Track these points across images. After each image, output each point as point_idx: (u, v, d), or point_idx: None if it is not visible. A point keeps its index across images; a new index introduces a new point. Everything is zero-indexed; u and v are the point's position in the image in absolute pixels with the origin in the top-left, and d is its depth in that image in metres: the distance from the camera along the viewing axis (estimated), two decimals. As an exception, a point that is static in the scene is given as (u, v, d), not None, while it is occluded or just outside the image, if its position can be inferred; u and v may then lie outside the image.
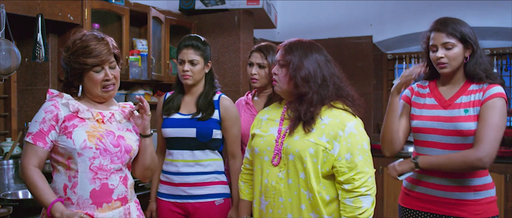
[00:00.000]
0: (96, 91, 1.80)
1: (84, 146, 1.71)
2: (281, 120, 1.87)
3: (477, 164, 1.85)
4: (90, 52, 1.75)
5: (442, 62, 1.94)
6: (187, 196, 2.24)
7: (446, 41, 1.92)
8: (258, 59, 2.39)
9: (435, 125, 1.98)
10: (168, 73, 3.63)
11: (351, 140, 1.72)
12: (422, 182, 2.03)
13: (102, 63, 1.77)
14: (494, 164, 3.96)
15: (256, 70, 2.39)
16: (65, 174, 1.75)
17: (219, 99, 2.29)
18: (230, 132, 2.26)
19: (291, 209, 1.76)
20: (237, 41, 3.84)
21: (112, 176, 1.78)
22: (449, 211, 1.97)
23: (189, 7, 3.93)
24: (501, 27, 4.34)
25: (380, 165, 4.51)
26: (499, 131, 1.86)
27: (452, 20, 1.96)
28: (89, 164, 1.73)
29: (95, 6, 2.97)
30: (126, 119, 1.92)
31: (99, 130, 1.78)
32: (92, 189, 1.73)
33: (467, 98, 1.95)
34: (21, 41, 2.87)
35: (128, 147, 1.83)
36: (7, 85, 3.01)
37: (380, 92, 5.26)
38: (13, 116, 3.01)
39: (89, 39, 1.79)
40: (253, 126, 1.97)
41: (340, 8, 4.95)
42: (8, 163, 2.61)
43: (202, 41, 2.30)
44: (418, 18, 4.49)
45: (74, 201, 1.73)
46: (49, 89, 1.85)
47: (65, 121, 1.75)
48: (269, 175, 1.80)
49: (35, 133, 1.73)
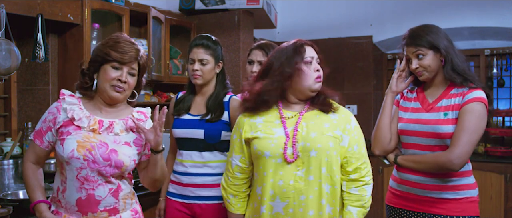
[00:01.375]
0: (105, 87, 1.78)
1: (71, 155, 1.71)
2: (282, 121, 1.86)
3: (448, 165, 1.91)
4: (117, 48, 1.77)
5: (418, 71, 2.04)
6: (195, 197, 2.23)
7: (415, 52, 2.02)
8: (259, 57, 2.38)
9: (416, 127, 2.04)
10: (168, 73, 3.63)
11: (356, 132, 1.88)
12: (405, 181, 2.09)
13: (123, 62, 1.77)
14: (494, 164, 4.03)
15: (257, 67, 2.38)
16: (59, 177, 1.80)
17: (229, 100, 2.26)
18: None
19: (313, 205, 1.78)
20: (237, 41, 3.84)
21: (100, 188, 1.75)
22: (430, 209, 2.01)
23: (189, 7, 3.93)
24: (501, 27, 4.34)
25: (380, 165, 4.51)
26: (474, 135, 1.91)
27: (419, 31, 2.03)
28: (76, 173, 1.73)
29: (95, 6, 2.97)
30: (130, 131, 1.85)
31: (92, 140, 1.75)
32: (78, 197, 1.73)
33: (448, 102, 2.00)
34: (21, 41, 2.87)
35: (119, 163, 1.76)
36: (7, 85, 3.01)
37: (380, 92, 5.26)
38: (13, 116, 3.01)
39: (123, 39, 1.82)
40: (246, 131, 1.89)
41: (340, 8, 4.95)
42: (8, 163, 2.61)
43: (213, 41, 2.28)
44: (418, 18, 4.46)
45: (63, 204, 1.77)
46: (62, 90, 1.84)
47: (62, 126, 1.76)
48: (284, 175, 1.79)
49: (36, 131, 1.81)
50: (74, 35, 2.95)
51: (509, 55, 4.64)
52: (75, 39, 2.94)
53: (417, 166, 2.01)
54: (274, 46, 2.43)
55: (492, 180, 3.98)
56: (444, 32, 2.04)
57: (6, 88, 3.02)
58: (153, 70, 3.42)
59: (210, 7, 3.90)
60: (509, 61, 4.65)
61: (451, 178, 1.99)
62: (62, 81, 3.03)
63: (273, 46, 2.44)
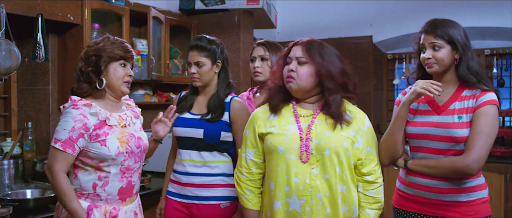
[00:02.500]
0: (118, 84, 1.93)
1: (118, 152, 1.88)
2: (296, 118, 1.87)
3: (465, 170, 1.87)
4: (121, 46, 1.93)
5: (429, 62, 1.97)
6: (193, 197, 2.22)
7: (433, 42, 1.95)
8: (260, 52, 2.38)
9: (428, 131, 1.98)
10: (168, 73, 3.63)
11: (370, 134, 1.89)
12: (415, 184, 2.03)
13: (128, 58, 1.95)
14: (494, 164, 4.03)
15: (259, 63, 2.38)
16: (94, 173, 1.88)
17: (230, 101, 2.25)
18: (240, 135, 2.17)
19: (330, 204, 1.80)
20: (237, 41, 3.84)
21: (135, 174, 1.99)
22: (442, 213, 1.97)
23: (189, 7, 3.93)
24: (501, 27, 4.33)
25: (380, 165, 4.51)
26: (489, 139, 1.87)
27: (442, 22, 1.97)
28: (120, 166, 1.91)
29: (95, 6, 2.97)
30: (136, 118, 2.08)
31: (125, 134, 1.94)
32: (120, 187, 1.92)
33: (461, 104, 1.95)
34: (21, 41, 2.87)
35: (145, 146, 2.04)
36: (7, 85, 3.01)
37: (380, 92, 5.26)
38: (13, 116, 3.01)
39: (117, 39, 1.96)
40: (260, 125, 1.91)
41: (340, 8, 4.95)
42: (9, 163, 2.61)
43: (208, 41, 2.26)
44: (418, 18, 4.43)
45: (103, 197, 1.89)
46: (71, 96, 1.91)
47: (95, 129, 1.86)
48: (299, 173, 1.79)
49: (65, 140, 1.81)
50: (74, 35, 2.95)
51: (509, 55, 4.64)
52: (75, 39, 2.94)
53: (431, 171, 1.95)
54: (276, 44, 2.44)
55: (492, 180, 3.97)
56: (465, 31, 1.99)
57: (6, 88, 3.02)
58: (153, 70, 3.42)
59: (210, 7, 3.89)
60: (509, 61, 4.65)
61: (464, 180, 1.94)
62: (62, 81, 3.03)
63: (275, 43, 2.44)
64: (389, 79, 5.26)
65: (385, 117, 5.28)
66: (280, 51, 2.38)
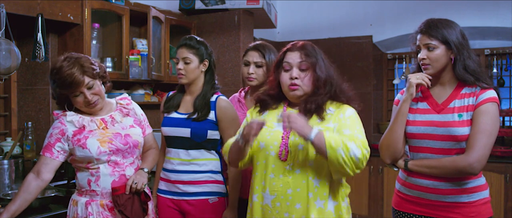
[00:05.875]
0: (84, 109, 2.03)
1: (99, 151, 1.97)
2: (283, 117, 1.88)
3: (467, 170, 1.85)
4: (63, 82, 1.92)
5: (424, 63, 1.97)
6: (182, 193, 2.26)
7: (427, 43, 1.94)
8: (255, 58, 2.40)
9: (428, 130, 1.96)
10: (168, 73, 3.63)
11: (350, 120, 1.80)
12: (415, 185, 2.01)
13: (77, 89, 1.94)
14: (494, 164, 4.03)
15: (254, 69, 2.40)
16: (87, 171, 2.02)
17: (216, 100, 2.28)
18: (227, 133, 2.24)
19: (299, 199, 1.79)
20: (237, 41, 3.84)
21: (127, 169, 2.06)
22: (444, 214, 1.95)
23: (189, 7, 3.93)
24: (501, 27, 4.34)
25: (380, 165, 4.51)
26: (491, 137, 1.86)
27: (437, 23, 1.96)
28: (106, 162, 2.01)
29: (95, 6, 2.97)
30: (127, 115, 2.14)
31: (107, 134, 2.02)
32: (112, 180, 2.02)
33: (460, 102, 1.94)
34: (21, 41, 2.87)
35: (135, 142, 2.10)
36: (7, 85, 3.01)
37: (380, 92, 5.26)
38: (13, 115, 3.01)
39: (60, 68, 1.93)
40: (252, 117, 1.98)
41: (340, 8, 4.95)
42: (9, 162, 2.61)
43: (197, 41, 2.31)
44: (418, 18, 4.41)
45: (99, 192, 2.01)
46: (54, 111, 2.07)
47: (75, 135, 1.99)
48: (275, 169, 1.82)
49: (44, 146, 2.00)
50: (74, 35, 2.95)
51: (509, 55, 4.64)
52: (75, 39, 2.95)
53: (432, 171, 1.93)
54: (270, 47, 2.44)
55: (492, 179, 3.97)
56: (462, 30, 1.98)
57: (6, 88, 3.02)
58: (153, 70, 3.42)
59: (210, 7, 3.90)
60: (509, 61, 4.65)
61: (465, 181, 1.93)
62: (62, 81, 3.03)
63: (270, 46, 2.44)
64: (389, 79, 5.27)
65: (385, 116, 5.28)
66: (274, 53, 2.40)
